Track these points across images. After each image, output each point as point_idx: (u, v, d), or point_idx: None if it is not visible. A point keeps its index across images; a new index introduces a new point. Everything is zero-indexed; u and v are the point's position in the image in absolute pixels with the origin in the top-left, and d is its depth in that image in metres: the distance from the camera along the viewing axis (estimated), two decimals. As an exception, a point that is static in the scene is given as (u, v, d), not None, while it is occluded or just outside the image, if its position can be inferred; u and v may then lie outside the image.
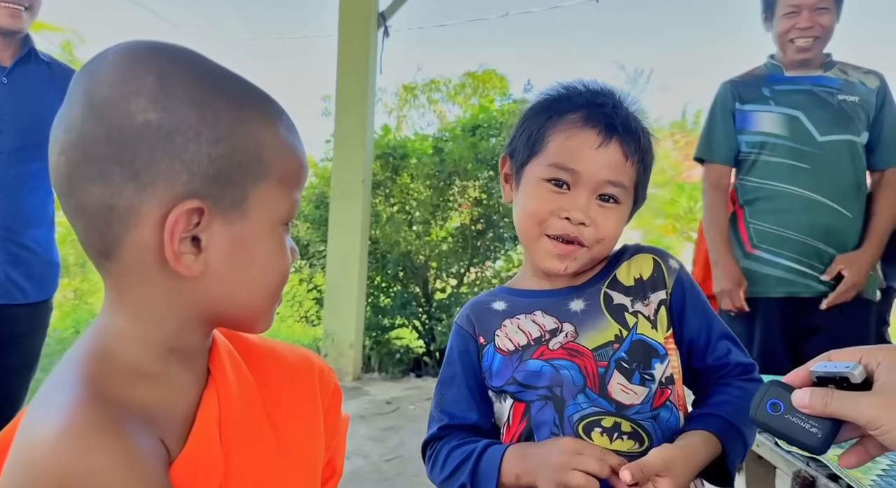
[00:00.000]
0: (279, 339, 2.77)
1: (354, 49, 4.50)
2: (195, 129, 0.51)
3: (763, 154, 2.01)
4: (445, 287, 5.38)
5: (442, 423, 0.93)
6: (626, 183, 0.88)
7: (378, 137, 5.13)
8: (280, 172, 0.56)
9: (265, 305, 0.59)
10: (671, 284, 0.90)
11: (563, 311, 0.90)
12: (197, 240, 0.53)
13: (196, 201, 0.52)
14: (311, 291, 5.32)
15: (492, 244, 5.23)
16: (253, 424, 0.60)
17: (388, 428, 3.43)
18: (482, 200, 5.14)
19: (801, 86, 2.00)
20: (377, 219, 4.98)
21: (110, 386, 0.52)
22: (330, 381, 0.70)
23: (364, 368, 4.77)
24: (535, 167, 0.90)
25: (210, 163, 0.52)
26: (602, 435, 0.83)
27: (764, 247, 2.00)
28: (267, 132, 0.55)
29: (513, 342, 0.89)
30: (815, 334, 1.95)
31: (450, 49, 15.32)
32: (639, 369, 0.85)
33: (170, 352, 0.56)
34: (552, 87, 0.95)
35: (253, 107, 0.55)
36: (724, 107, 2.07)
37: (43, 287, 1.79)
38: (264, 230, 0.56)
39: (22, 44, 1.75)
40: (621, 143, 0.87)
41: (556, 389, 0.85)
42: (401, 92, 11.95)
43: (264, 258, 0.56)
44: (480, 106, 5.60)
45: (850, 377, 0.58)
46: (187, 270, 0.53)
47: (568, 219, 0.86)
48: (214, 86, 0.53)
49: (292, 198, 0.58)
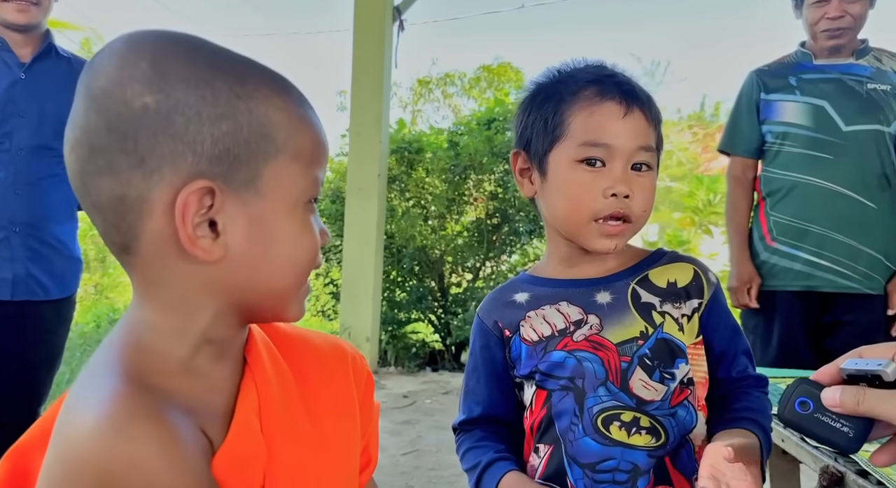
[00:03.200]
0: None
1: (369, 44, 4.49)
2: (194, 109, 0.50)
3: (785, 144, 1.97)
4: (461, 281, 5.37)
5: (464, 416, 0.96)
6: (654, 145, 0.89)
7: (393, 132, 5.13)
8: (293, 148, 0.54)
9: (293, 288, 0.57)
10: (708, 296, 0.91)
11: (588, 302, 0.89)
12: (214, 224, 0.52)
13: (204, 181, 0.50)
14: (328, 286, 5.34)
15: (507, 238, 5.21)
16: (292, 415, 0.59)
17: (405, 422, 3.44)
18: (498, 194, 5.12)
19: (829, 74, 1.96)
20: (392, 214, 4.99)
21: (149, 377, 0.51)
22: (363, 369, 0.69)
23: (380, 362, 4.79)
24: (562, 151, 0.88)
25: (214, 142, 0.51)
26: (620, 429, 0.84)
27: (783, 240, 1.97)
28: (273, 107, 0.53)
29: (537, 332, 0.90)
30: (840, 329, 1.92)
31: (465, 42, 15.30)
32: (660, 367, 0.85)
33: (205, 343, 0.55)
34: (544, 73, 0.94)
35: (255, 82, 0.53)
36: (749, 97, 2.04)
37: (65, 283, 1.81)
38: (284, 208, 0.54)
39: (41, 40, 1.76)
40: (642, 109, 0.87)
41: (577, 380, 0.86)
42: (416, 86, 11.92)
43: (287, 237, 0.54)
44: (496, 99, 5.57)
45: (883, 375, 0.56)
46: (206, 254, 0.52)
47: (614, 196, 0.85)
48: (212, 64, 0.52)
49: (312, 176, 0.56)
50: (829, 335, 1.93)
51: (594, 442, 0.84)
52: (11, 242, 1.68)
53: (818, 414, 0.59)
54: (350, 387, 0.66)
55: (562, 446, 0.85)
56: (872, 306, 1.90)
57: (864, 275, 1.89)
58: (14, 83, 1.70)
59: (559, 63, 0.93)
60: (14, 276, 1.70)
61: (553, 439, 0.87)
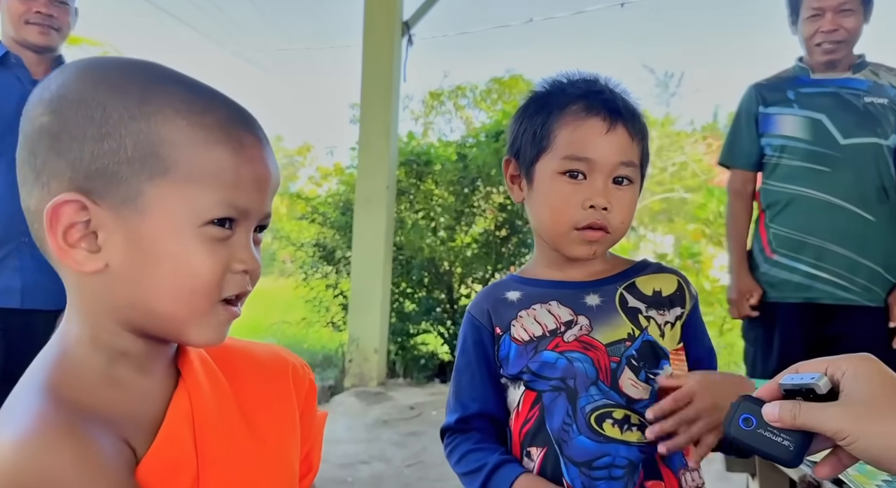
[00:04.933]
0: (306, 344, 2.81)
1: (378, 58, 4.55)
2: (80, 128, 0.53)
3: (784, 157, 1.99)
4: (470, 293, 5.38)
5: (458, 415, 0.96)
6: (636, 161, 0.93)
7: (402, 144, 5.18)
8: (188, 169, 0.53)
9: (183, 312, 0.55)
10: (689, 307, 0.95)
11: (578, 304, 0.92)
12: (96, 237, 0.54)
13: (72, 195, 0.52)
14: (338, 297, 5.37)
15: (516, 249, 5.22)
16: (228, 424, 0.60)
17: (411, 434, 3.45)
18: (506, 206, 5.14)
19: (826, 88, 1.97)
20: (402, 226, 5.02)
21: (71, 391, 0.53)
22: (304, 378, 0.70)
23: (389, 374, 4.80)
24: (546, 162, 0.92)
25: (93, 159, 0.53)
26: (613, 426, 0.86)
27: (782, 252, 1.98)
28: (173, 127, 0.53)
29: (528, 332, 0.92)
30: (840, 342, 1.91)
31: (476, 55, 15.37)
32: (645, 368, 0.89)
33: (120, 355, 0.57)
34: (539, 84, 0.98)
35: (159, 104, 0.54)
36: (748, 111, 2.07)
37: None
38: (169, 229, 0.53)
39: (54, 61, 1.85)
40: (626, 125, 0.91)
41: (569, 381, 0.88)
42: (427, 99, 12.00)
43: (170, 259, 0.53)
44: (504, 112, 5.61)
45: (816, 388, 0.58)
46: (78, 266, 0.53)
47: (592, 207, 0.89)
48: (117, 87, 0.54)
49: (214, 198, 0.54)
50: (830, 347, 1.93)
51: (589, 441, 0.86)
52: (21, 252, 1.73)
53: (760, 429, 0.60)
54: (289, 396, 0.67)
55: (556, 447, 0.87)
56: (873, 318, 1.90)
57: (863, 287, 1.89)
58: (25, 97, 1.75)
59: (555, 74, 0.98)
60: (23, 285, 1.75)
61: (545, 440, 0.88)
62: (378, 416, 3.74)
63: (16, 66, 1.79)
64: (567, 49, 21.04)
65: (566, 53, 20.51)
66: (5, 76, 1.78)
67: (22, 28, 1.77)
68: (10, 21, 1.78)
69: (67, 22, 1.84)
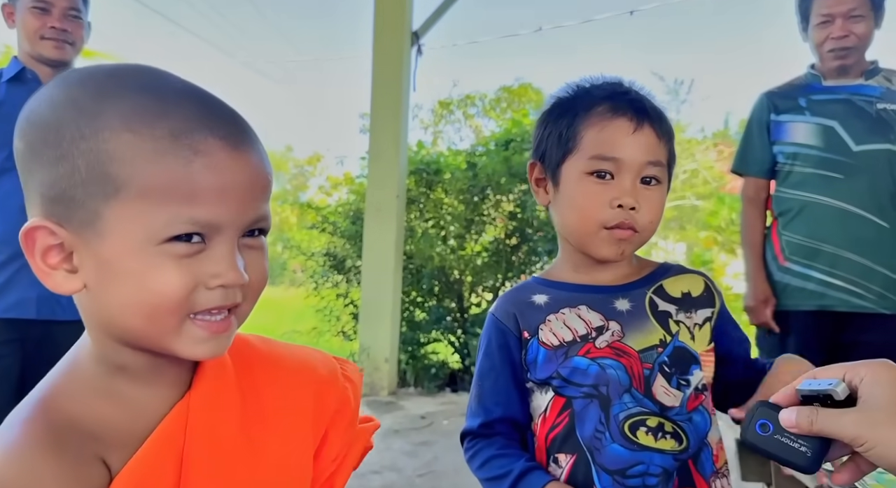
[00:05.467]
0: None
1: (388, 68, 4.58)
2: (40, 153, 0.52)
3: (796, 165, 1.98)
4: (481, 301, 5.37)
5: (481, 419, 0.94)
6: (663, 161, 0.92)
7: (412, 153, 5.19)
8: (137, 187, 0.50)
9: (149, 329, 0.53)
10: (718, 305, 0.96)
11: (608, 309, 0.92)
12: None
13: (40, 220, 0.52)
14: (348, 306, 5.37)
15: (527, 258, 5.22)
16: (226, 440, 0.59)
17: (422, 443, 3.44)
18: (516, 214, 5.14)
19: (838, 95, 1.96)
20: (412, 235, 5.03)
21: (67, 402, 0.55)
22: (330, 395, 0.67)
23: (400, 383, 4.79)
24: (573, 163, 0.92)
25: (52, 184, 0.51)
26: (647, 434, 0.86)
27: (795, 260, 1.96)
28: (121, 142, 0.50)
29: (557, 337, 0.91)
30: (856, 349, 1.89)
31: (485, 64, 15.46)
32: (676, 374, 0.89)
33: (118, 369, 0.57)
34: (563, 89, 0.98)
35: (109, 116, 0.51)
36: (759, 119, 2.06)
37: None
38: (128, 248, 0.51)
39: None
40: (653, 125, 0.91)
41: (601, 388, 0.87)
42: (436, 108, 12.04)
43: (130, 278, 0.51)
44: (513, 120, 5.62)
45: (834, 394, 0.58)
46: (57, 287, 0.53)
47: (620, 207, 0.89)
48: (72, 103, 0.52)
49: (170, 213, 0.51)
50: (846, 355, 1.90)
51: (623, 449, 0.85)
52: None
53: (777, 435, 0.60)
54: (303, 413, 0.64)
55: (587, 454, 0.86)
56: (888, 326, 1.87)
57: (878, 294, 1.87)
58: None
59: (578, 79, 0.98)
60: (38, 296, 1.77)
61: (575, 447, 0.87)
62: (389, 426, 3.74)
63: (32, 81, 1.83)
64: (576, 57, 21.05)
65: (575, 61, 20.51)
66: (22, 91, 1.81)
67: (37, 43, 1.81)
68: (25, 36, 1.82)
69: (81, 36, 1.88)
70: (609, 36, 29.71)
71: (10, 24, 1.86)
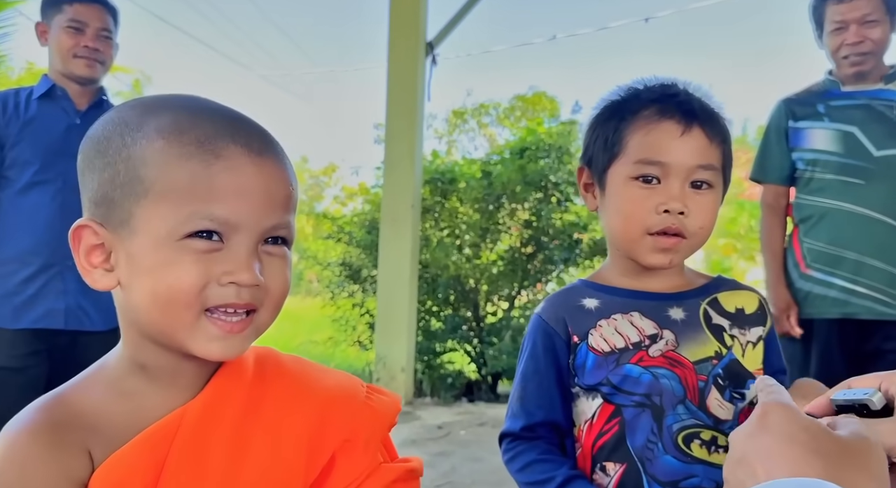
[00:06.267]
0: (333, 363, 2.75)
1: (403, 78, 4.61)
2: (92, 163, 0.59)
3: (816, 171, 1.96)
4: (497, 310, 5.36)
5: (523, 422, 0.92)
6: (716, 164, 0.89)
7: (427, 163, 5.21)
8: (162, 186, 0.56)
9: (165, 322, 0.57)
10: (769, 325, 0.94)
11: (662, 317, 0.90)
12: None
13: (86, 220, 0.59)
14: (364, 315, 5.38)
15: (542, 266, 5.20)
16: (209, 459, 0.58)
17: (440, 454, 3.42)
18: (532, 222, 5.13)
19: (857, 101, 1.94)
20: (427, 244, 5.03)
21: (79, 395, 0.60)
22: (338, 417, 0.63)
23: (416, 393, 4.78)
24: (618, 168, 0.90)
25: (98, 188, 0.58)
26: (701, 447, 0.85)
27: (817, 267, 1.94)
28: (151, 149, 0.56)
29: (609, 343, 0.89)
30: (883, 358, 1.86)
31: (499, 73, 15.48)
32: (730, 387, 0.87)
33: (139, 367, 0.61)
34: (613, 92, 0.96)
35: (147, 128, 0.57)
36: (777, 126, 2.04)
37: (110, 316, 1.90)
38: (150, 245, 0.56)
39: (96, 92, 1.95)
40: (703, 127, 0.88)
41: (654, 397, 0.86)
42: (450, 117, 12.08)
43: (150, 273, 0.56)
44: (528, 128, 5.62)
45: (870, 403, 0.57)
46: (95, 283, 0.59)
47: (667, 212, 0.86)
48: (123, 120, 0.59)
49: (187, 212, 0.55)
50: (871, 363, 1.87)
51: (676, 461, 0.84)
52: (65, 276, 1.80)
53: None
54: (300, 429, 0.62)
55: (638, 464, 0.85)
56: (916, 334, 1.84)
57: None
58: (70, 127, 1.86)
59: (631, 81, 0.96)
60: (66, 307, 1.81)
61: (625, 457, 0.86)
62: (406, 436, 3.73)
63: (62, 98, 1.88)
64: (590, 65, 21.04)
65: (590, 69, 20.49)
66: (52, 108, 1.87)
67: (70, 61, 1.86)
68: (58, 54, 1.87)
69: (111, 55, 1.94)
70: (624, 43, 29.67)
71: (43, 42, 1.92)
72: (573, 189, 5.04)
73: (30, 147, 1.80)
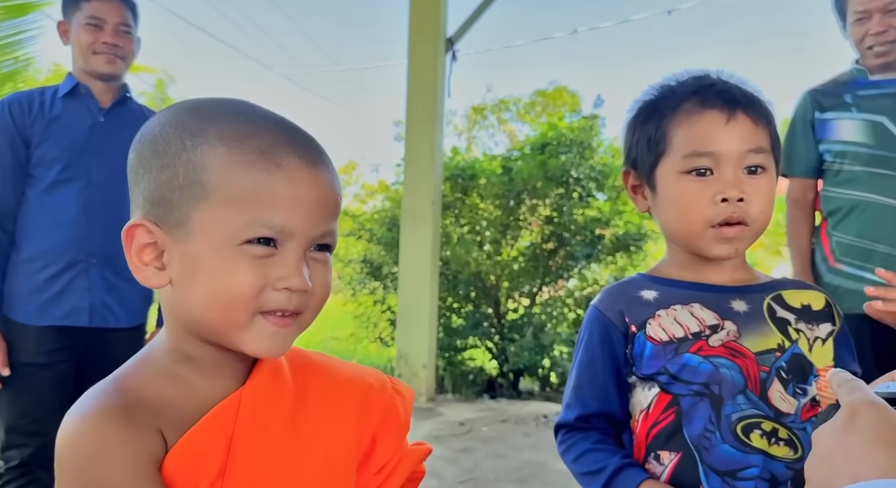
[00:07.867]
0: (354, 359, 2.83)
1: (423, 75, 4.61)
2: (149, 162, 0.61)
3: (845, 163, 1.91)
4: (518, 307, 5.34)
5: (577, 412, 0.93)
6: (765, 146, 0.89)
7: (447, 159, 5.20)
8: (225, 193, 0.58)
9: (221, 322, 0.59)
10: (839, 324, 0.93)
11: (724, 309, 0.90)
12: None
13: (140, 219, 0.60)
14: (385, 312, 5.40)
15: (564, 262, 5.16)
16: (272, 431, 0.63)
17: (462, 450, 3.42)
18: (553, 218, 5.10)
19: (886, 89, 1.89)
20: (448, 240, 5.03)
21: (136, 382, 0.62)
22: (376, 402, 0.70)
23: (438, 389, 4.79)
24: (667, 165, 0.90)
25: (155, 188, 0.60)
26: (762, 437, 0.84)
27: (847, 261, 1.89)
28: (213, 155, 0.58)
29: (667, 333, 0.89)
30: (916, 354, 1.81)
31: (519, 69, 15.42)
32: (793, 381, 0.86)
33: (185, 358, 0.63)
34: (646, 92, 0.96)
35: (207, 134, 0.59)
36: (803, 118, 2.00)
37: (135, 313, 1.94)
38: (210, 248, 0.58)
39: (120, 90, 1.96)
40: (746, 112, 0.88)
41: (713, 387, 0.85)
42: (470, 113, 12.05)
43: (209, 275, 0.58)
44: (549, 124, 5.58)
45: None
46: (147, 281, 0.61)
47: (724, 201, 0.86)
48: (180, 123, 0.60)
49: (247, 218, 0.57)
50: (903, 361, 1.83)
51: (734, 450, 0.83)
52: (90, 273, 1.82)
53: None
54: (349, 415, 0.68)
55: (694, 454, 0.84)
56: (950, 330, 1.79)
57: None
58: (94, 125, 1.88)
59: (662, 79, 0.95)
60: (91, 304, 1.83)
61: (681, 446, 0.85)
62: (429, 432, 3.73)
63: (85, 96, 1.90)
64: (612, 59, 20.83)
65: (611, 63, 20.30)
66: (76, 106, 1.89)
67: (90, 58, 1.87)
68: (79, 52, 1.89)
69: (132, 50, 1.94)
70: (646, 36, 29.33)
71: (66, 40, 1.93)
72: (595, 184, 5.00)
73: (55, 145, 1.82)
